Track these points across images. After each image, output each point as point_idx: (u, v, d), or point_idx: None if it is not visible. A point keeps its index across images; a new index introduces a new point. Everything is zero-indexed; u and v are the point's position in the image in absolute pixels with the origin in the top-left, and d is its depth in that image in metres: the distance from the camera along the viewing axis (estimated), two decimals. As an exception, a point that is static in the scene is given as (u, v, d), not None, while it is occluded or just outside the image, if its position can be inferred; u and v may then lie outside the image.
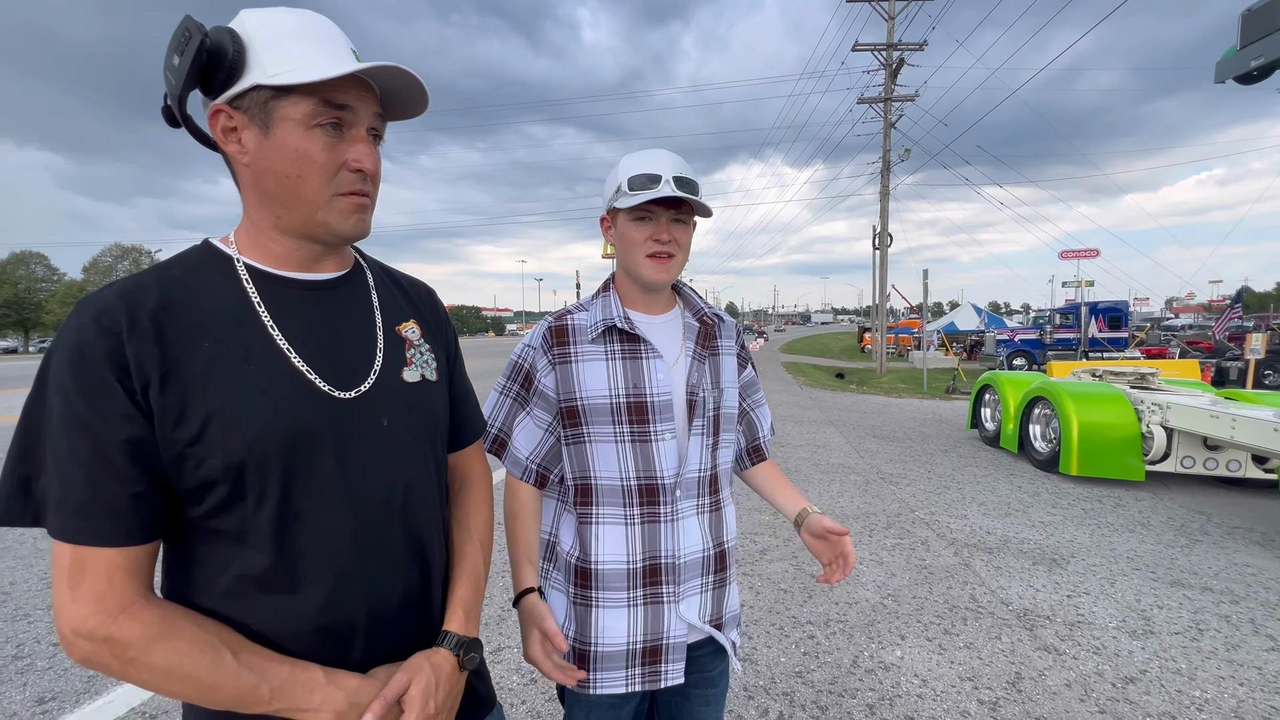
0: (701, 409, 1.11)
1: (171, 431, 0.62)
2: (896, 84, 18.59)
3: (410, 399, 0.79)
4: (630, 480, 1.07)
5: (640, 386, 1.07)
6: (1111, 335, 17.40)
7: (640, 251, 1.07)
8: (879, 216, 18.75)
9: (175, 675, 0.61)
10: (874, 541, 3.94)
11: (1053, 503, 4.83)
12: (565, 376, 1.08)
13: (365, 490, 0.72)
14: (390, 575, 0.75)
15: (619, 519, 1.08)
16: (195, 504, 0.65)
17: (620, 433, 1.06)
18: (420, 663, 0.74)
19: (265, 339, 0.69)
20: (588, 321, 1.11)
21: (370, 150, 0.72)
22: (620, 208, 1.07)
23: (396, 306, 0.84)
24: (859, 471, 5.82)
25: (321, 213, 0.71)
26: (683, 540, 1.09)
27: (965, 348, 23.79)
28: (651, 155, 1.07)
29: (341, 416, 0.71)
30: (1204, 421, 4.81)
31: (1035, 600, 3.10)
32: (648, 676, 1.08)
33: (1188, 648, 2.65)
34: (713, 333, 1.17)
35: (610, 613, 1.07)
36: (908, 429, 8.23)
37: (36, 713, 2.15)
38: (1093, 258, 31.51)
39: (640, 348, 1.09)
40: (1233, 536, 4.10)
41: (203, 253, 0.72)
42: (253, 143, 0.68)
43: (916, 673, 2.45)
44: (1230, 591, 3.23)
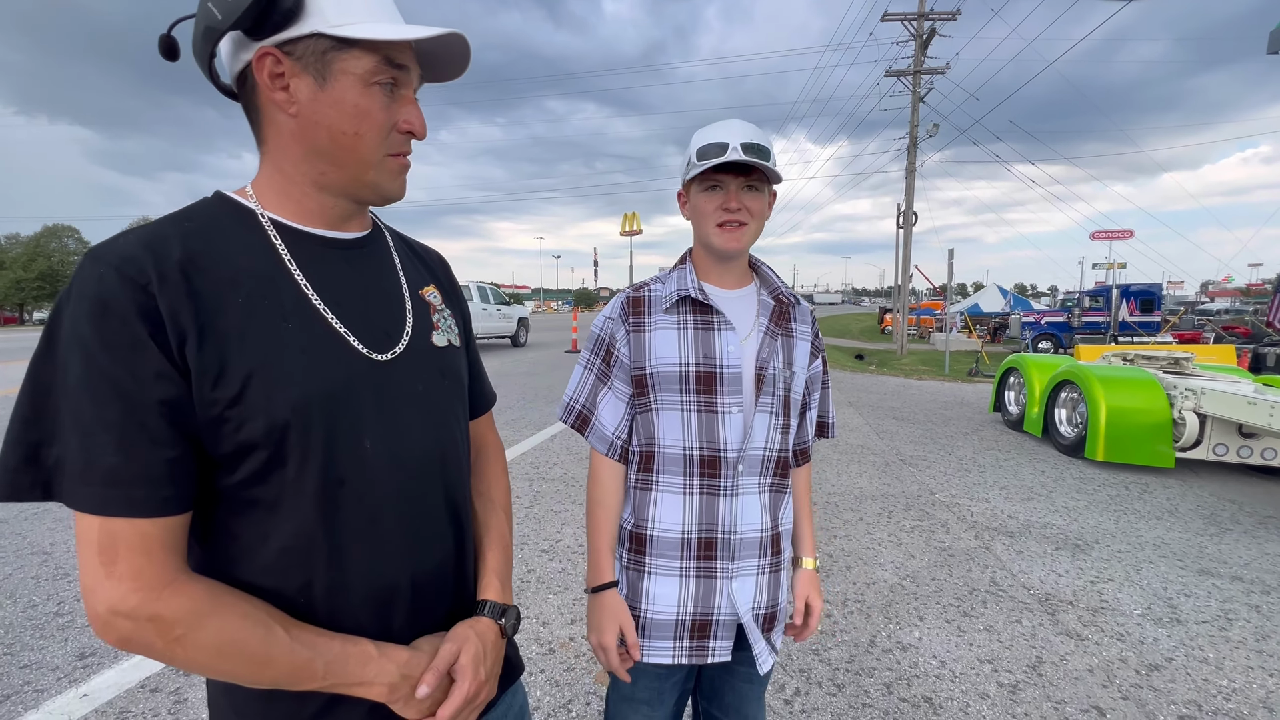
0: (770, 386, 1.09)
1: (210, 391, 0.58)
2: (927, 56, 17.94)
3: (442, 363, 0.78)
4: (693, 450, 1.07)
5: (711, 356, 1.07)
6: (1143, 319, 16.90)
7: (710, 221, 1.07)
8: (904, 194, 18.28)
9: (227, 653, 0.58)
10: (893, 523, 3.91)
11: (1077, 488, 4.74)
12: (638, 345, 1.10)
13: (407, 455, 0.71)
14: (431, 542, 0.74)
15: (678, 488, 1.08)
16: (229, 471, 0.61)
17: (687, 401, 1.07)
18: (466, 632, 0.73)
19: (300, 297, 0.66)
20: (663, 292, 1.12)
21: (420, 112, 0.71)
22: (690, 179, 1.08)
23: (417, 271, 0.82)
24: (878, 453, 5.77)
25: (373, 172, 0.69)
26: (741, 516, 1.08)
27: (989, 330, 23.32)
28: (723, 125, 1.06)
29: (381, 379, 0.69)
30: (1241, 408, 4.66)
31: (1057, 585, 3.06)
32: (695, 651, 1.09)
33: (1215, 637, 2.60)
34: (787, 313, 1.15)
35: (662, 580, 1.09)
36: (928, 411, 8.12)
37: (77, 666, 2.24)
38: (1126, 239, 30.47)
39: (713, 319, 1.09)
40: (1265, 526, 4.00)
41: (218, 205, 0.68)
42: (305, 93, 0.64)
43: (935, 654, 2.43)
44: (1261, 581, 3.16)
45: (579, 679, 2.22)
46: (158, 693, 2.10)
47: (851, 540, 3.61)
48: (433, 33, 0.66)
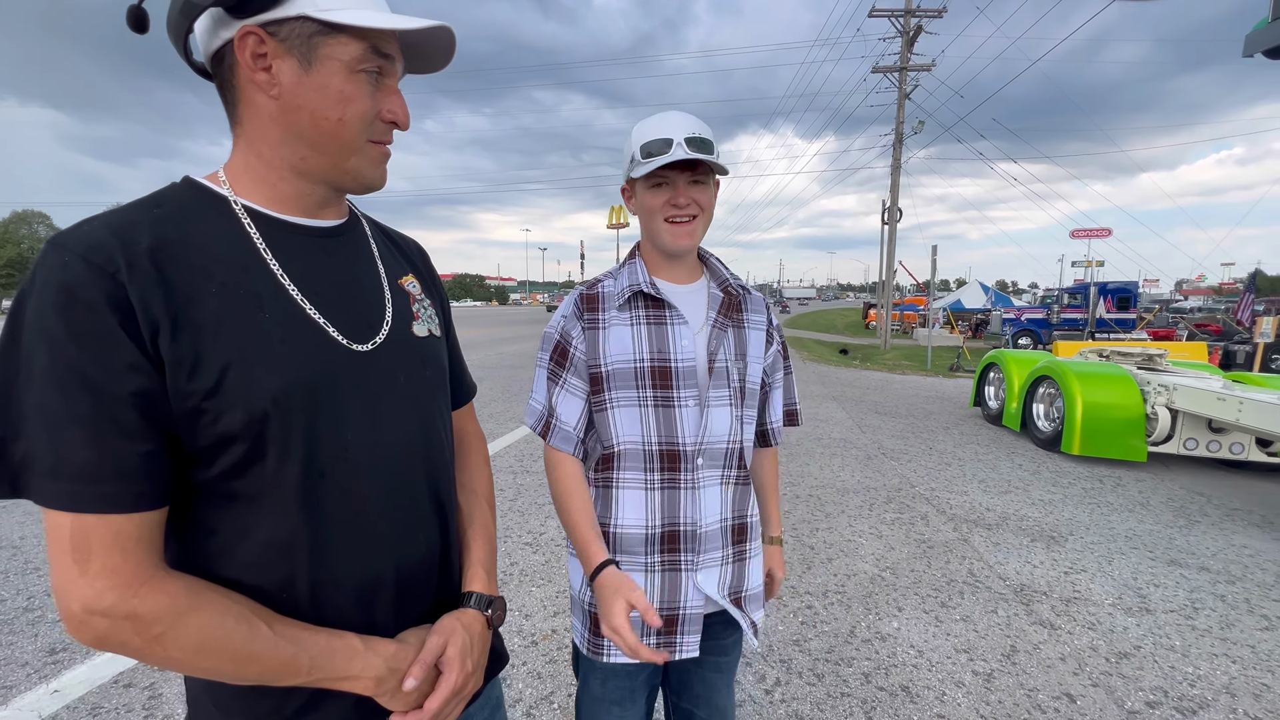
0: (723, 377, 1.09)
1: (186, 383, 0.56)
2: (913, 53, 18.04)
3: (423, 353, 0.77)
4: (652, 445, 1.07)
5: (665, 351, 1.07)
6: (1119, 316, 17.26)
7: (659, 218, 1.06)
8: (890, 190, 18.42)
9: (208, 650, 0.56)
10: (874, 516, 3.96)
11: (1053, 481, 4.84)
12: (592, 341, 1.08)
13: (390, 446, 0.70)
14: (415, 534, 0.73)
15: (639, 484, 1.08)
16: (207, 465, 0.59)
17: (643, 397, 1.06)
18: (452, 624, 0.73)
19: (276, 287, 0.64)
20: (615, 289, 1.11)
21: (404, 104, 0.70)
22: (636, 177, 1.06)
23: (395, 260, 0.81)
24: (860, 447, 5.84)
25: (355, 158, 0.68)
26: (703, 509, 1.08)
27: (971, 326, 23.66)
28: (662, 119, 1.05)
29: (361, 370, 0.68)
30: (1211, 404, 4.78)
31: (1033, 576, 3.12)
32: (662, 647, 1.08)
33: (1182, 625, 2.68)
34: (737, 304, 1.15)
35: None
36: (910, 405, 8.23)
37: (48, 662, 2.20)
38: (1104, 237, 31.07)
39: (665, 313, 1.09)
40: (1232, 518, 4.11)
41: (188, 191, 0.65)
42: (288, 76, 0.62)
43: (913, 644, 2.48)
44: (1227, 572, 3.25)
45: (561, 670, 2.22)
46: (131, 688, 2.07)
47: (833, 533, 3.65)
48: (422, 24, 0.66)
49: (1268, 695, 2.20)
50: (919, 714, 2.05)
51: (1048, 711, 2.07)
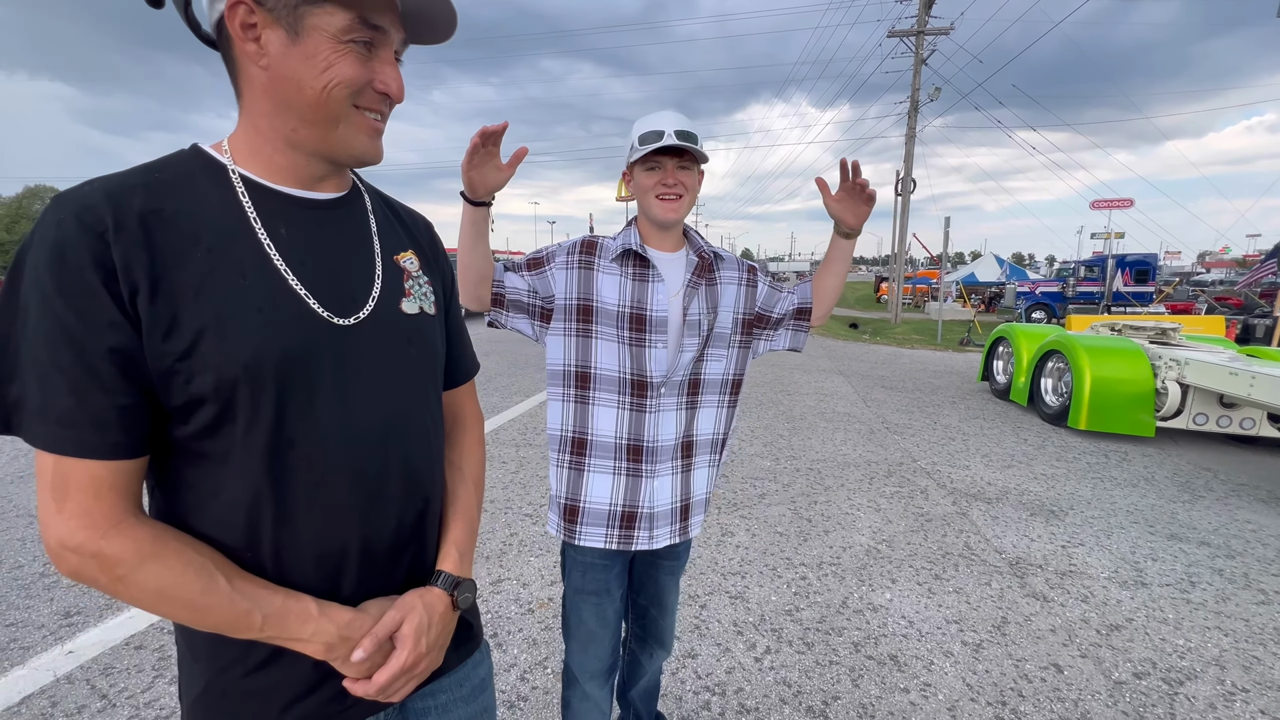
0: (696, 328, 1.33)
1: (161, 343, 0.59)
2: (930, 15, 17.40)
3: (409, 331, 0.77)
4: (625, 374, 1.30)
5: (643, 303, 1.30)
6: (1137, 289, 16.89)
7: (651, 194, 1.28)
8: (903, 160, 17.98)
9: (166, 596, 0.60)
10: (873, 489, 3.97)
11: (1058, 456, 4.81)
12: (586, 280, 1.30)
13: (361, 421, 0.70)
14: (385, 509, 0.73)
15: (612, 404, 1.31)
16: (182, 423, 0.62)
17: (621, 336, 1.29)
18: (414, 601, 0.74)
19: (261, 256, 0.66)
20: (613, 245, 1.34)
21: (398, 74, 0.70)
22: (634, 161, 1.29)
23: (395, 235, 0.81)
24: (864, 421, 5.82)
25: (342, 127, 0.68)
26: (660, 428, 1.32)
27: (984, 299, 23.31)
28: (659, 115, 1.28)
29: (339, 344, 0.69)
30: (1222, 378, 4.70)
31: (1029, 550, 3.13)
32: (623, 538, 1.34)
33: (1177, 599, 2.68)
34: (709, 265, 1.38)
35: (598, 477, 1.33)
36: (918, 380, 8.17)
37: (63, 625, 2.29)
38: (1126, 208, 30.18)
39: (648, 271, 1.31)
40: (1237, 494, 4.08)
41: (192, 159, 0.67)
42: (276, 46, 0.63)
43: (904, 614, 2.50)
44: (1227, 546, 3.24)
45: (556, 638, 2.28)
46: (142, 649, 2.15)
47: (832, 506, 3.67)
48: None
49: (1257, 668, 2.21)
50: (905, 682, 2.08)
51: (1034, 681, 2.10)
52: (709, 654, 2.22)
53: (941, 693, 2.04)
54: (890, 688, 2.06)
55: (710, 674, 2.12)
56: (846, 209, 1.32)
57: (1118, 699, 2.02)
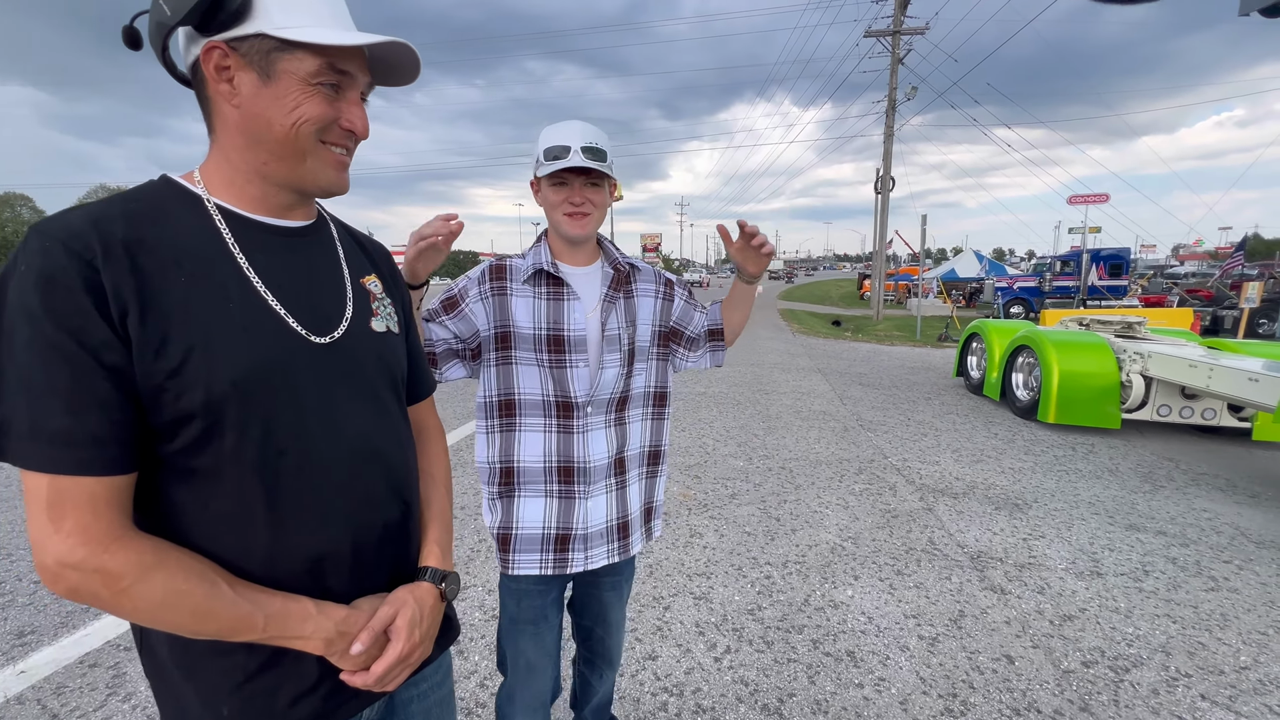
0: (615, 343, 1.31)
1: (152, 362, 0.62)
2: (906, 15, 17.60)
3: (380, 348, 0.83)
4: (550, 397, 1.28)
5: (559, 323, 1.27)
6: (1111, 283, 17.21)
7: (559, 211, 1.25)
8: (883, 159, 18.17)
9: (170, 604, 0.62)
10: (843, 487, 4.02)
11: (1026, 449, 4.90)
12: (502, 307, 1.27)
13: (345, 431, 0.75)
14: (371, 511, 0.78)
15: (539, 427, 1.29)
16: (168, 440, 0.65)
17: (540, 359, 1.27)
18: (404, 596, 0.79)
19: (242, 280, 0.70)
20: (522, 265, 1.29)
21: (363, 114, 0.76)
22: (540, 176, 1.25)
23: (359, 260, 0.87)
24: (839, 418, 5.89)
25: (310, 161, 0.73)
26: (590, 448, 1.30)
27: (964, 295, 23.61)
28: (565, 127, 1.23)
29: (320, 360, 0.74)
30: (1183, 371, 4.82)
31: (990, 543, 3.19)
32: (558, 562, 1.31)
33: (1130, 588, 2.75)
34: (625, 278, 1.36)
35: (530, 501, 1.30)
36: (895, 377, 8.27)
37: (15, 645, 2.25)
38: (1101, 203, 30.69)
39: (563, 290, 1.28)
40: (1197, 483, 4.18)
41: (165, 189, 0.71)
42: (248, 87, 0.68)
43: (864, 611, 2.54)
44: (1183, 535, 3.32)
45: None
46: (96, 668, 2.12)
47: (801, 504, 3.71)
48: (372, 40, 0.71)
49: (1201, 653, 2.27)
50: (860, 677, 2.12)
51: (985, 673, 2.14)
52: (669, 655, 2.24)
53: (895, 686, 2.07)
54: (845, 683, 2.09)
55: (669, 675, 2.14)
56: (746, 259, 1.32)
57: (1065, 688, 2.07)
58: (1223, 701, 2.01)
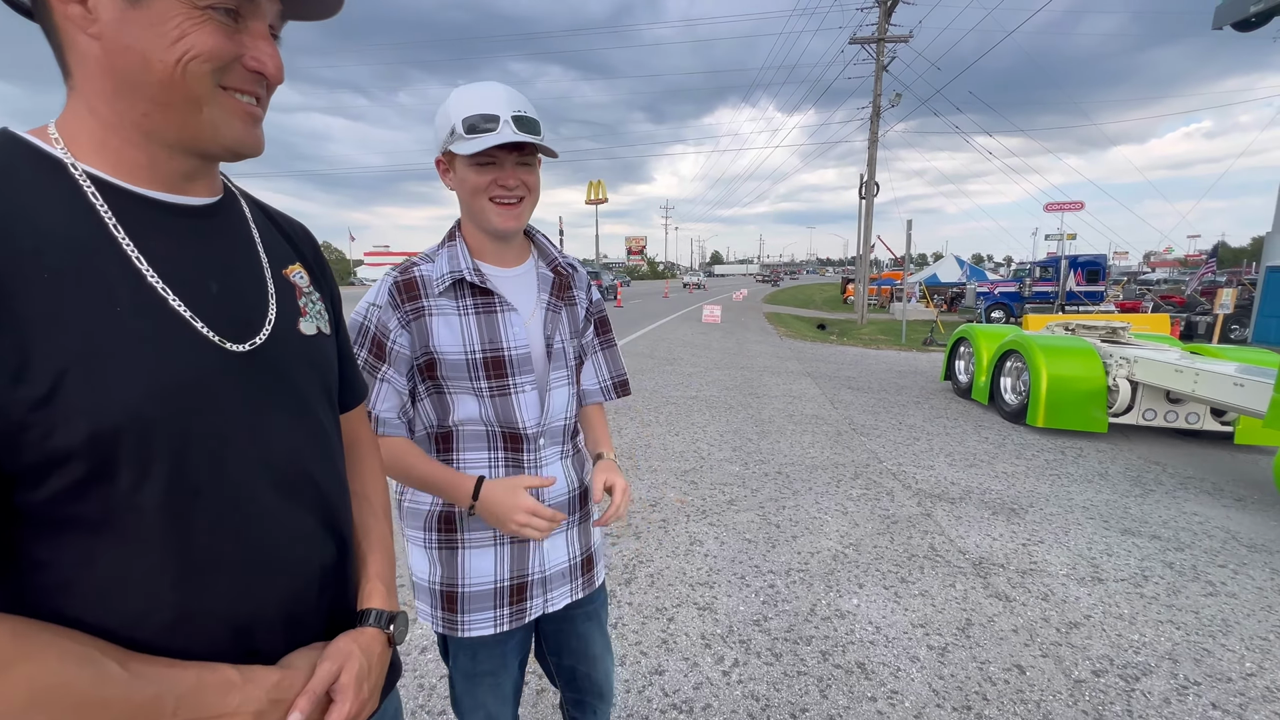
0: (562, 358, 1.13)
1: (9, 390, 0.47)
2: (890, 24, 17.84)
3: (311, 354, 0.70)
4: (493, 426, 1.07)
5: (496, 342, 1.05)
6: (1089, 289, 17.59)
7: (483, 198, 1.01)
8: (867, 164, 18.37)
9: (43, 703, 0.47)
10: (840, 492, 4.00)
11: (1017, 454, 4.93)
12: (421, 331, 1.03)
13: (276, 457, 0.63)
14: (307, 551, 0.67)
15: (483, 463, 1.08)
16: (32, 487, 0.50)
17: (478, 388, 1.05)
18: (348, 647, 0.67)
19: (132, 274, 0.54)
20: (435, 273, 1.04)
21: (274, 50, 0.59)
22: (458, 153, 0.98)
23: (279, 246, 0.72)
24: (831, 423, 5.88)
25: (207, 110, 0.56)
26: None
27: (946, 300, 23.95)
28: (486, 90, 0.98)
29: (240, 373, 0.60)
30: (1169, 375, 4.89)
31: (991, 549, 3.18)
32: (515, 615, 1.12)
33: (1131, 594, 2.75)
34: (568, 283, 1.17)
35: (477, 553, 1.10)
36: (883, 380, 8.31)
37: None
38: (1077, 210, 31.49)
39: (494, 301, 1.06)
40: (1185, 487, 4.24)
41: (8, 148, 0.53)
42: (109, 10, 0.51)
43: (871, 620, 2.50)
44: (1177, 539, 3.35)
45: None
46: None
47: (800, 510, 3.67)
48: None
49: (1208, 660, 2.27)
50: (873, 690, 2.07)
51: (998, 684, 2.11)
52: (676, 669, 2.18)
53: (908, 699, 2.03)
54: (858, 696, 2.04)
55: (677, 690, 2.07)
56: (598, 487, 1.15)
57: (1078, 698, 2.05)
58: (1234, 710, 2.01)
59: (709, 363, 9.51)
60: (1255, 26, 9.33)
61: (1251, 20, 9.11)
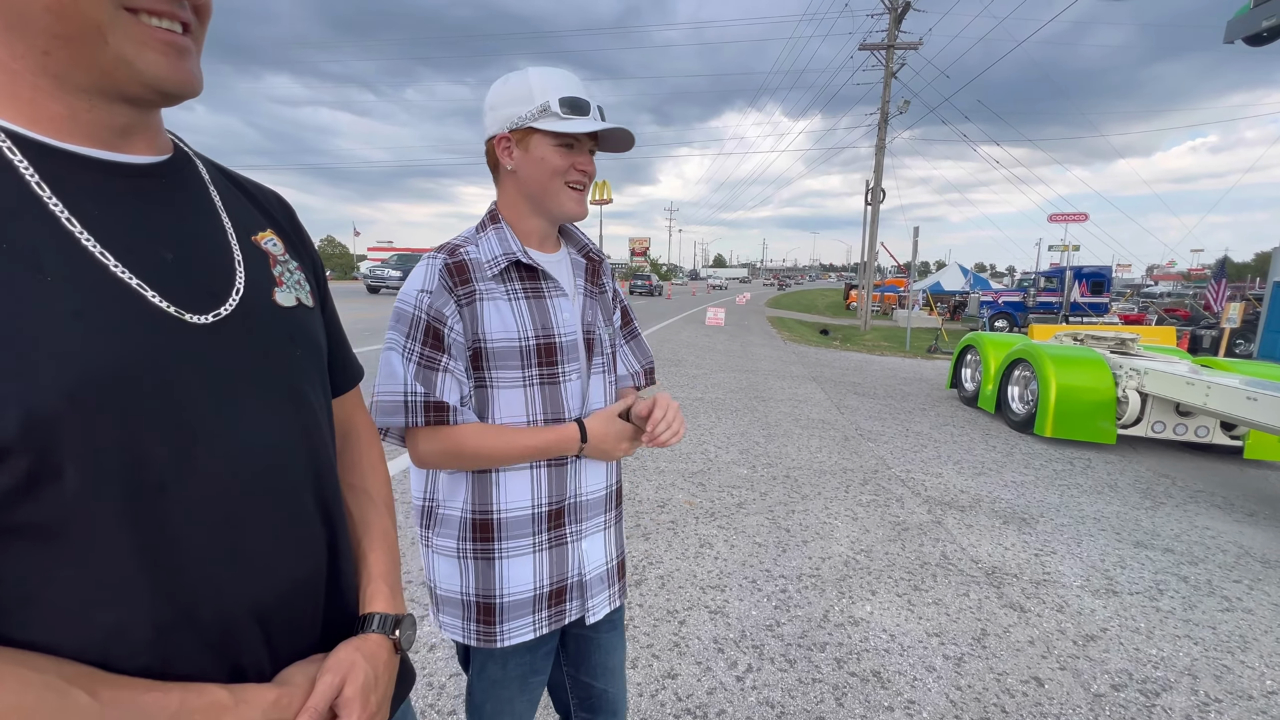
0: (599, 347, 1.10)
1: None
2: (900, 30, 17.83)
3: (291, 327, 0.63)
4: (538, 421, 1.02)
5: (549, 327, 1.02)
6: (1093, 300, 17.59)
7: (559, 181, 0.99)
8: (874, 170, 18.36)
9: None
10: (850, 498, 3.97)
11: (1025, 463, 4.90)
12: (473, 317, 0.97)
13: (258, 443, 0.56)
14: (299, 550, 0.60)
15: (524, 464, 1.02)
16: None
17: (529, 376, 1.01)
18: (351, 656, 0.61)
19: (64, 239, 0.47)
20: (484, 256, 1.00)
21: None
22: (546, 129, 0.95)
23: (246, 212, 0.65)
24: (838, 428, 5.85)
25: (114, 40, 0.47)
26: (586, 479, 1.09)
27: (949, 308, 23.95)
28: (569, 75, 0.99)
29: (204, 348, 0.53)
30: (1180, 388, 4.86)
31: (1004, 559, 3.15)
32: (553, 617, 1.08)
33: (1147, 607, 2.72)
34: (599, 270, 1.15)
35: (516, 562, 1.03)
36: (889, 387, 8.28)
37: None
38: (1081, 222, 31.51)
39: (543, 285, 1.04)
40: (1195, 500, 4.20)
41: None
42: None
43: (885, 628, 2.47)
44: (1190, 553, 3.32)
45: (530, 659, 2.17)
46: None
47: (809, 515, 3.64)
48: None
49: (1228, 677, 2.24)
50: (890, 699, 2.04)
51: (1016, 696, 2.08)
52: (689, 674, 2.15)
53: (926, 710, 2.00)
54: (875, 706, 2.01)
55: (691, 695, 2.04)
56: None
57: (1098, 713, 2.01)
58: (1257, 728, 1.98)
59: (714, 365, 9.48)
60: (1267, 41, 9.31)
61: (1263, 35, 9.09)
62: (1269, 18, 9.02)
